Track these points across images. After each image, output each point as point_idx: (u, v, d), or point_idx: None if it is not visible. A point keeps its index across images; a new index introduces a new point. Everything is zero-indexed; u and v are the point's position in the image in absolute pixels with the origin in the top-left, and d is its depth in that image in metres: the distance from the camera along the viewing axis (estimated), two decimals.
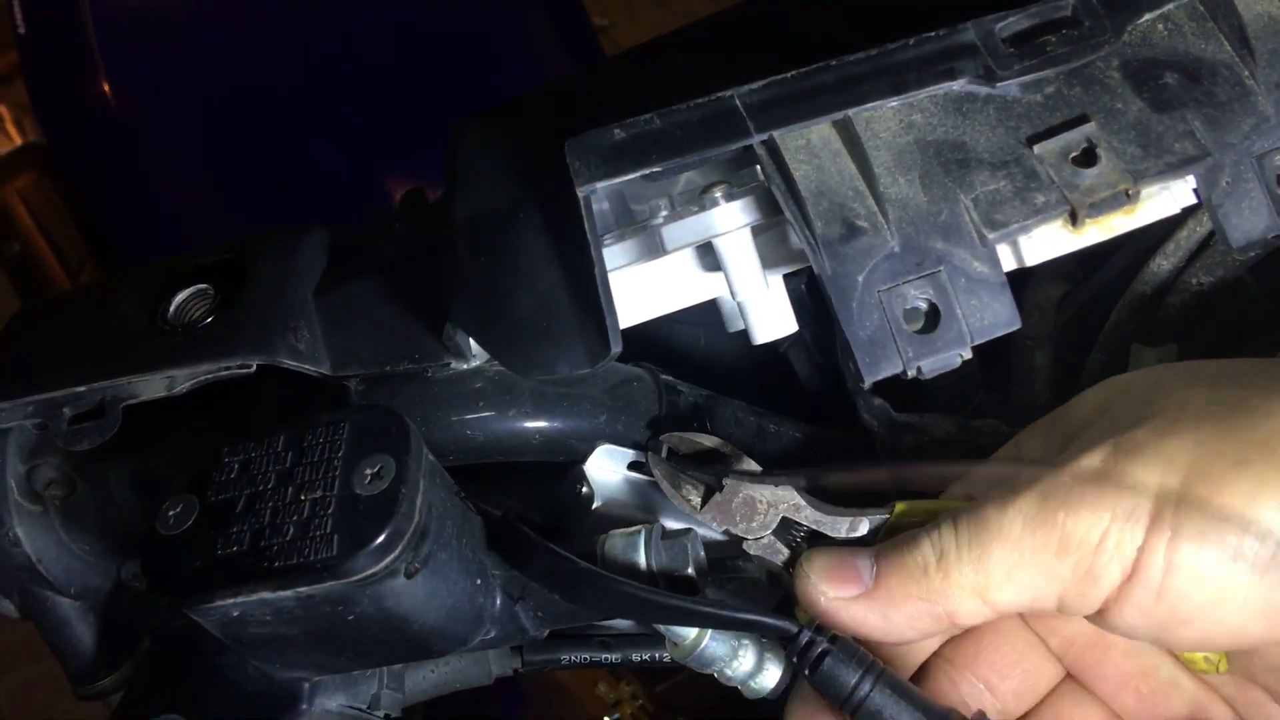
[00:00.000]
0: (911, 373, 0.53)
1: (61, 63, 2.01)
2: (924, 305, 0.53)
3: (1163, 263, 0.75)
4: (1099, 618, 0.49)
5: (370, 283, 0.65)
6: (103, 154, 2.00)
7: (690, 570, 0.62)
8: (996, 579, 0.48)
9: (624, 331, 0.70)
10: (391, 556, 0.54)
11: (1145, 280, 0.76)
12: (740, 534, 0.61)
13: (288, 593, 0.55)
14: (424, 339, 0.63)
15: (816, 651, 0.57)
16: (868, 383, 0.53)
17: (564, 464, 0.70)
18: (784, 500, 0.61)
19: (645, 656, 0.82)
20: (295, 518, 0.56)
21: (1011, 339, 0.88)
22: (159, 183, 1.96)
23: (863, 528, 0.58)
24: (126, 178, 1.97)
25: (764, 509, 0.61)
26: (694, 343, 1.00)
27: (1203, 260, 0.74)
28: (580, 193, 0.55)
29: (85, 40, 1.95)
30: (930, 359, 0.53)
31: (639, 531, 0.63)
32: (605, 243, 0.62)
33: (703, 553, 0.64)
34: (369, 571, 0.54)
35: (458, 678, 0.81)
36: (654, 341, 0.97)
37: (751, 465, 0.66)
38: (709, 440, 0.67)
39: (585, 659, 0.83)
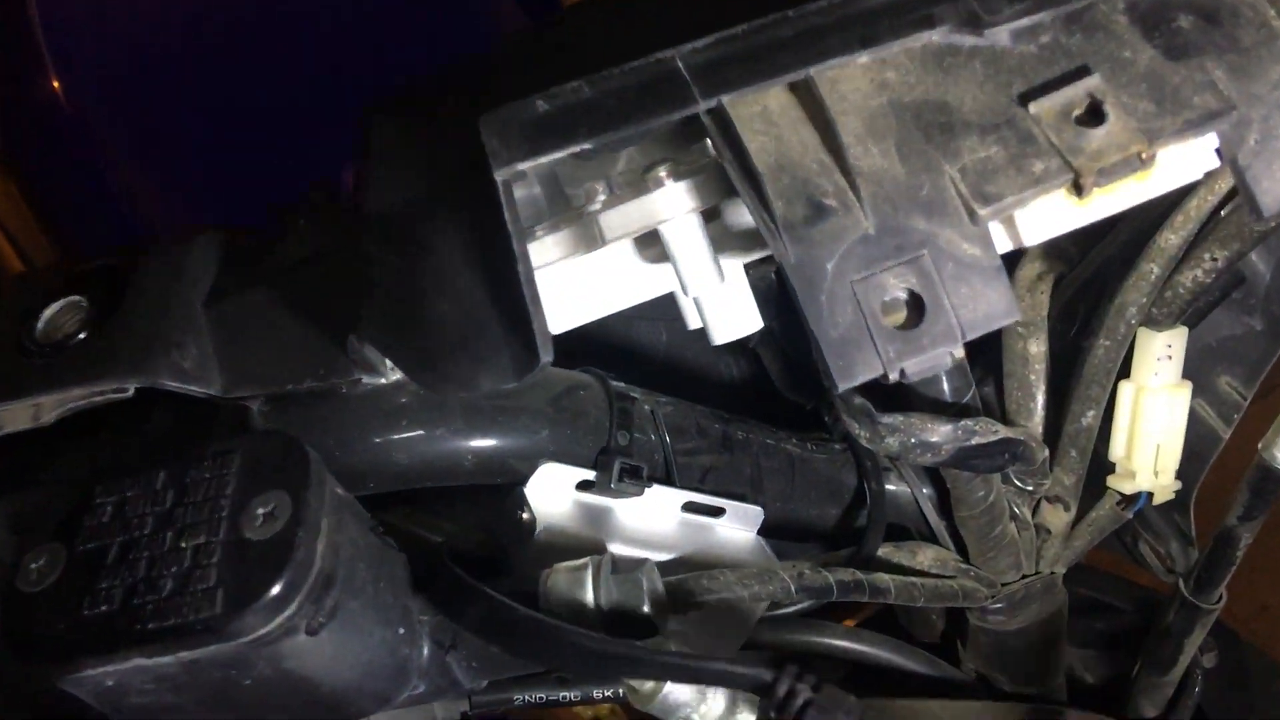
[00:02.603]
0: (894, 375, 0.45)
1: (10, 61, 1.93)
2: (905, 296, 0.45)
3: (1171, 237, 0.67)
4: None
5: (270, 290, 0.56)
6: (57, 152, 1.93)
7: (646, 608, 0.54)
8: None
9: (571, 333, 0.62)
10: (288, 612, 0.46)
11: (1151, 257, 0.68)
12: None
13: (167, 658, 0.47)
14: (332, 352, 0.55)
15: (798, 703, 0.49)
16: (841, 388, 0.44)
17: (505, 486, 0.62)
18: None
19: (609, 693, 0.74)
20: (174, 569, 0.47)
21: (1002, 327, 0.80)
22: (114, 180, 1.89)
23: None
24: (82, 176, 1.89)
25: None
26: (655, 340, 0.91)
27: (1216, 233, 0.66)
28: (498, 177, 0.47)
29: (34, 38, 1.87)
30: (915, 359, 0.45)
31: (586, 565, 0.55)
32: (536, 234, 0.54)
33: (660, 585, 0.56)
34: (261, 631, 0.46)
35: None
36: (609, 341, 0.89)
37: None
38: None
39: (541, 698, 0.75)
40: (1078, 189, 0.45)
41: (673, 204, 0.50)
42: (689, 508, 0.67)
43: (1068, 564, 0.80)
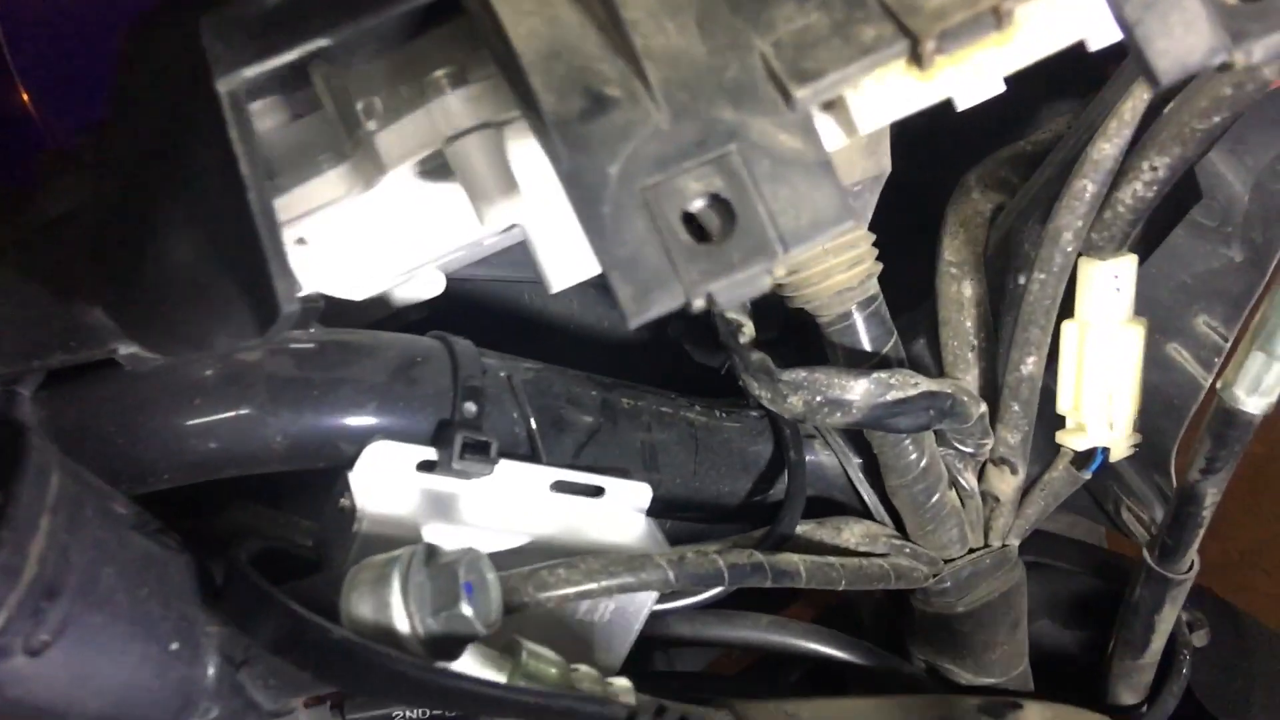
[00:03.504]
0: (698, 302, 0.36)
1: None
2: (710, 203, 0.36)
3: (1104, 146, 0.58)
4: None
5: (17, 252, 0.48)
6: (31, 164, 1.87)
7: (464, 608, 0.45)
8: None
9: (454, 301, 0.54)
10: None
11: (1084, 171, 0.58)
12: None
13: None
14: (84, 320, 0.46)
15: None
16: (633, 322, 0.36)
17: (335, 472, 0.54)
18: None
19: None
20: None
21: (934, 267, 0.71)
22: None
23: None
24: None
25: None
26: (566, 312, 0.83)
27: (1156, 138, 0.57)
28: (221, 88, 0.38)
29: None
30: (724, 279, 0.35)
31: (394, 560, 0.46)
32: (321, 167, 0.45)
33: (490, 577, 0.47)
34: None
35: None
36: (509, 311, 0.80)
37: None
38: None
39: (425, 715, 0.66)
40: (917, 59, 0.36)
41: (455, 116, 0.41)
42: (560, 487, 0.58)
43: (1021, 534, 0.70)
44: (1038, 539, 0.78)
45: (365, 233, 0.47)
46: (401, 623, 0.45)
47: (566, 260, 0.47)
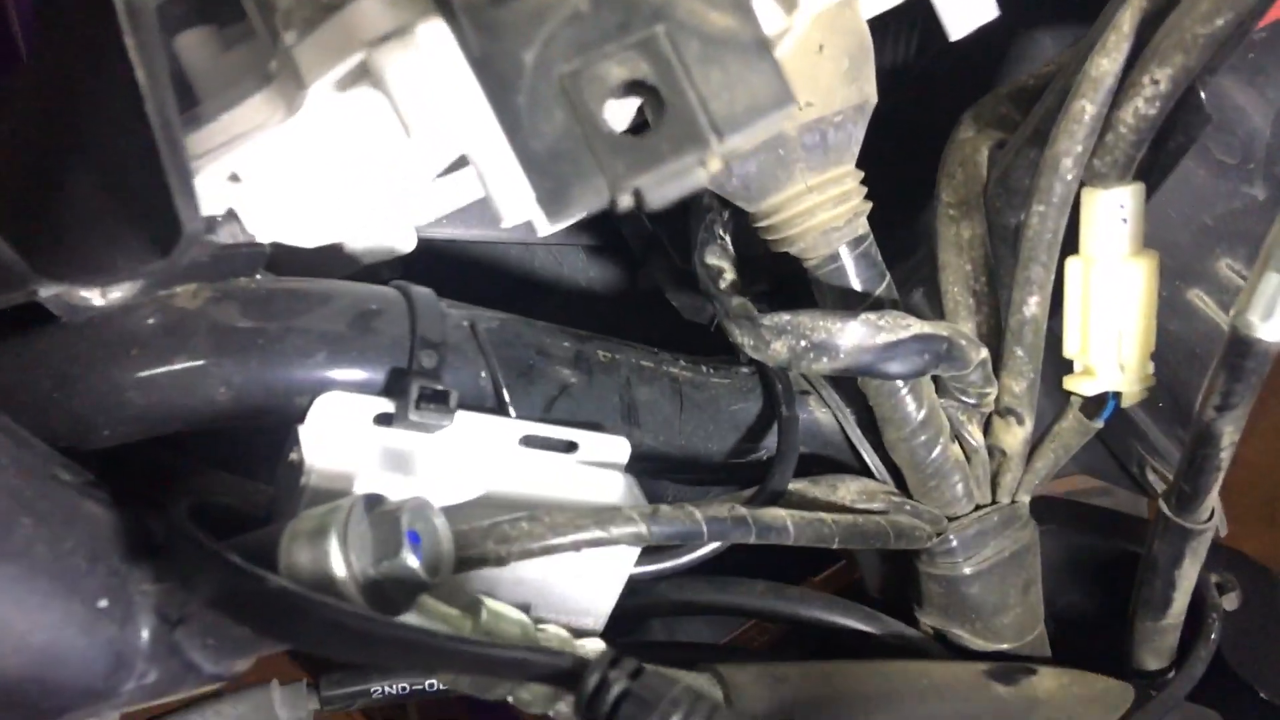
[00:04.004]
0: (624, 200, 0.32)
1: None
2: (635, 90, 0.33)
3: (1103, 62, 0.54)
4: None
5: None
6: None
7: (408, 559, 0.42)
8: None
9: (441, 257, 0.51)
10: None
11: (1083, 91, 0.54)
12: None
13: None
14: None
15: (611, 697, 0.38)
16: (553, 224, 0.32)
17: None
18: None
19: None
20: None
21: (931, 207, 0.67)
22: None
23: None
24: None
25: None
26: (557, 270, 0.80)
27: (1156, 49, 0.53)
28: None
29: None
30: (652, 172, 0.32)
31: (335, 509, 0.43)
32: (243, 92, 0.43)
33: (440, 528, 0.44)
34: None
35: None
36: (501, 275, 0.78)
37: None
38: None
39: (404, 690, 0.63)
40: None
41: (372, 19, 0.38)
42: (529, 442, 0.55)
43: (1031, 490, 0.66)
44: (1055, 505, 0.75)
45: (298, 165, 0.44)
46: (340, 571, 0.41)
47: (519, 188, 0.44)
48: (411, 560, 0.42)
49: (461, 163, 0.50)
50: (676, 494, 0.79)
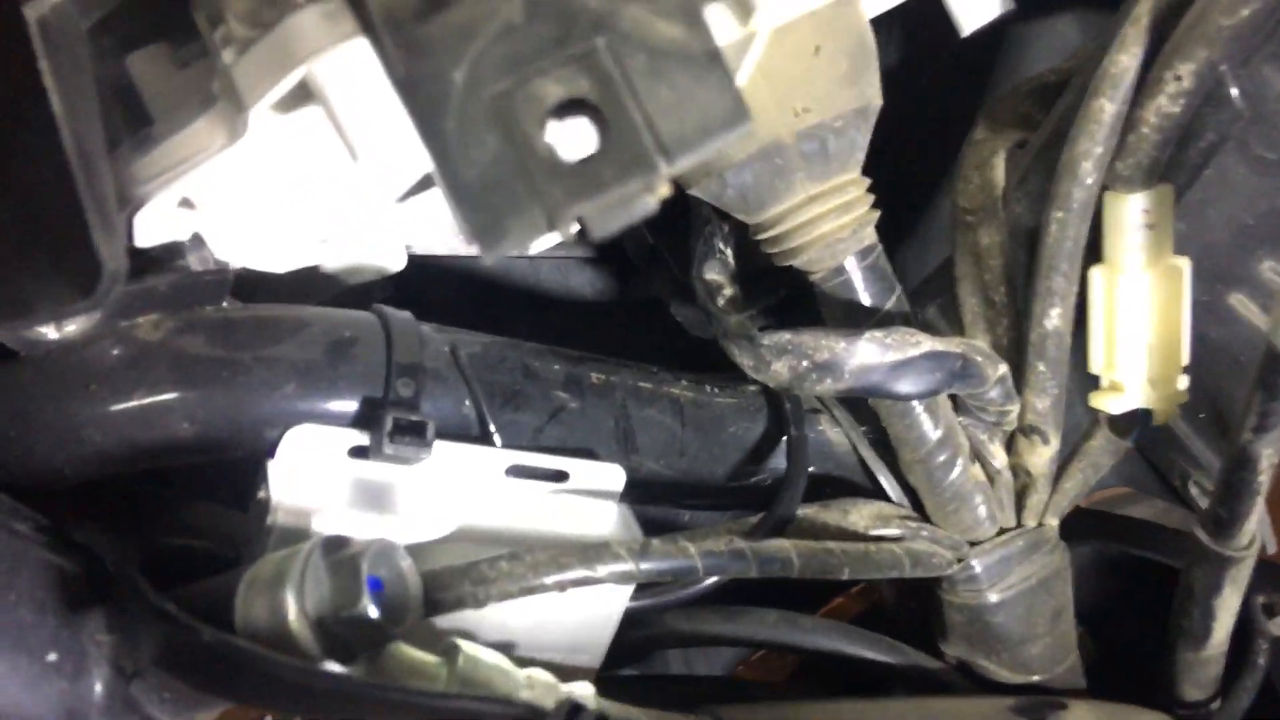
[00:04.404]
0: (565, 230, 0.29)
1: None
2: (574, 111, 0.30)
3: (1121, 58, 0.50)
4: None
5: None
6: None
7: (367, 608, 0.39)
8: None
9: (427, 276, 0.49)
10: None
11: (1102, 90, 0.50)
12: None
13: None
14: None
15: None
16: (487, 256, 0.30)
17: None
18: None
19: None
20: None
21: (949, 215, 0.63)
22: None
23: None
24: None
25: None
26: (560, 289, 0.77)
27: (1179, 43, 0.49)
28: (29, 14, 0.33)
29: None
30: (594, 200, 0.29)
31: (293, 554, 0.40)
32: (189, 115, 0.40)
33: (408, 569, 0.42)
34: None
35: None
36: (499, 290, 0.75)
37: None
38: None
39: None
40: None
41: (309, 36, 0.36)
42: (516, 472, 0.52)
43: (1060, 512, 0.62)
44: (1091, 519, 0.70)
45: (248, 190, 0.42)
46: (298, 625, 0.39)
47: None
48: (371, 610, 0.40)
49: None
50: (693, 520, 0.76)
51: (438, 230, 0.56)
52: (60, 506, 0.48)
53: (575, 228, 0.30)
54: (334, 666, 0.38)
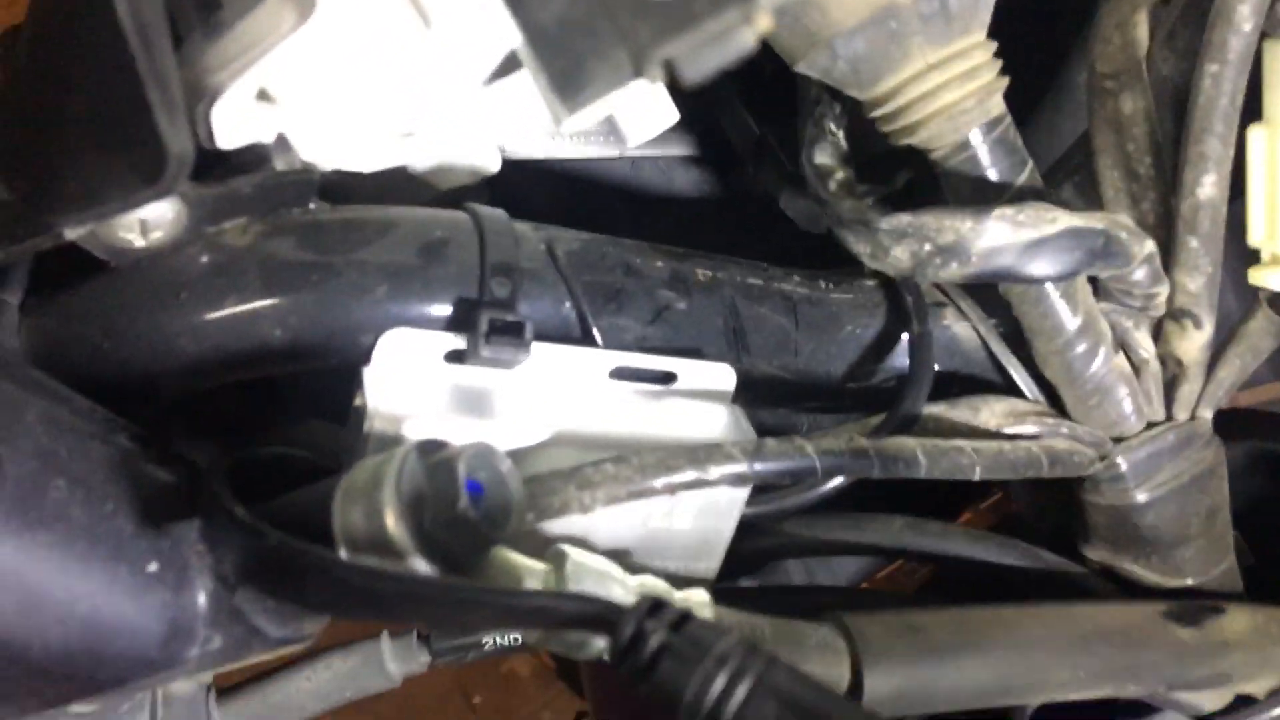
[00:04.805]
0: (653, 75, 0.26)
1: None
2: None
3: None
4: None
5: None
6: None
7: (466, 510, 0.37)
8: None
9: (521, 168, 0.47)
10: None
11: None
12: None
13: None
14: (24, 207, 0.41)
15: (649, 650, 0.33)
16: (568, 113, 0.26)
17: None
18: None
19: None
20: None
21: (1085, 83, 0.58)
22: None
23: None
24: None
25: None
26: (665, 190, 0.74)
27: None
28: None
29: None
30: (686, 38, 0.26)
31: (388, 459, 0.39)
32: (249, 3, 0.38)
33: (508, 474, 0.40)
34: None
35: (334, 689, 0.60)
36: (601, 196, 0.72)
37: None
38: None
39: (516, 641, 0.60)
40: None
41: None
42: (620, 374, 0.49)
43: (1215, 403, 0.57)
44: (1247, 416, 0.65)
45: (323, 75, 0.40)
46: (396, 529, 0.37)
47: (643, 115, 0.39)
48: (470, 511, 0.38)
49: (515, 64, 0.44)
50: (812, 426, 0.72)
51: (531, 127, 0.53)
52: (161, 419, 0.47)
53: (663, 73, 0.26)
54: (424, 567, 0.37)
